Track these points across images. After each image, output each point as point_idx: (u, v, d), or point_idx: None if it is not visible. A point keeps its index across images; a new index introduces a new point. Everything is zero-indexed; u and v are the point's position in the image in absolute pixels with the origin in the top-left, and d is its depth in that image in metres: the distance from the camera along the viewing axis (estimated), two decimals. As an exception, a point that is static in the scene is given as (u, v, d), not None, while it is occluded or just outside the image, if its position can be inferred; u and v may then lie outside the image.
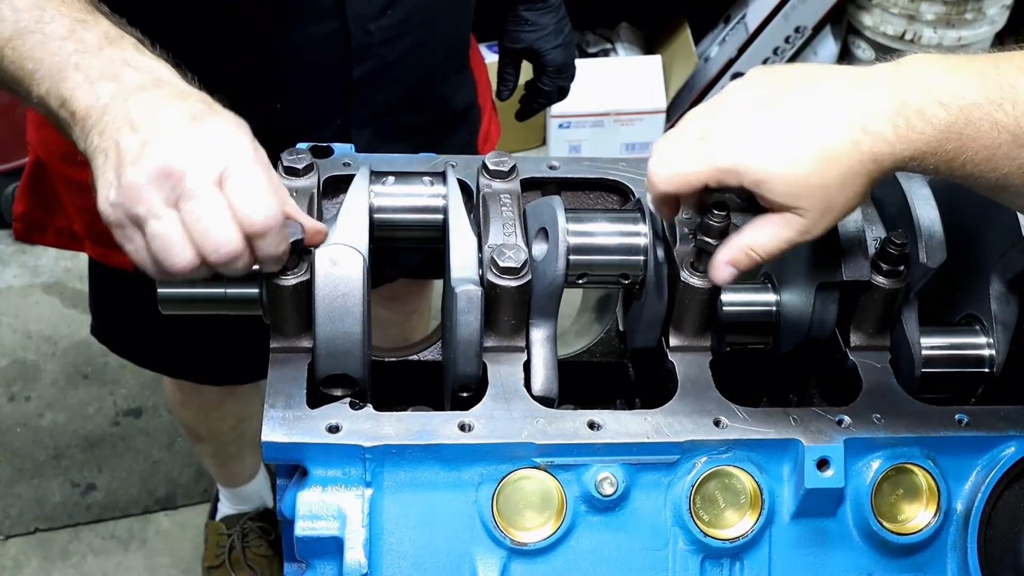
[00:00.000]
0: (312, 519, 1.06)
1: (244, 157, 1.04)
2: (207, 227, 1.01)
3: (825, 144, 0.97)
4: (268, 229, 1.04)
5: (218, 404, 2.38)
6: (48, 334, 3.43)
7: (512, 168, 1.26)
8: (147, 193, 1.01)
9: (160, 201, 1.01)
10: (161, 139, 1.02)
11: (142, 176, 1.01)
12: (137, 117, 1.03)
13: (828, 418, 1.14)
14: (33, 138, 1.80)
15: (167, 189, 1.01)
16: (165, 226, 1.01)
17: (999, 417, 1.16)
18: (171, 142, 1.02)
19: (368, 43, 1.63)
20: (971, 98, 0.95)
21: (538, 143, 4.13)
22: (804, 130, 0.98)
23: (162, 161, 1.01)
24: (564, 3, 2.07)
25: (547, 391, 1.18)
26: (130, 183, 1.01)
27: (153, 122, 1.03)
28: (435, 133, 1.84)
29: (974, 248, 1.27)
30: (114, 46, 1.10)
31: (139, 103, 1.05)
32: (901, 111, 0.96)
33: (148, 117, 1.03)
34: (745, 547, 1.12)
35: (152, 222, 1.01)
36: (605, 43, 4.37)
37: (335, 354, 1.12)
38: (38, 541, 2.89)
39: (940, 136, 0.96)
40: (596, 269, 1.21)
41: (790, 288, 1.27)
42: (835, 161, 0.97)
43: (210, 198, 1.01)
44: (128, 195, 1.01)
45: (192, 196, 1.01)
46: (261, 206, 1.03)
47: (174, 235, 1.01)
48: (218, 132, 1.05)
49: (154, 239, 1.02)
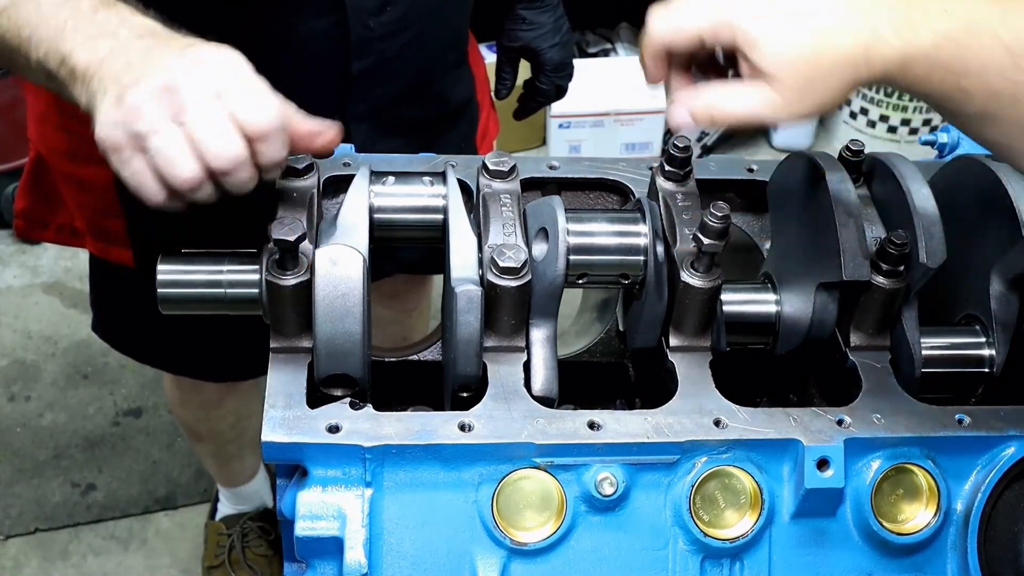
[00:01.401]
0: (312, 519, 1.06)
1: (240, 69, 1.08)
2: (209, 135, 1.04)
3: (828, 26, 0.97)
4: (270, 130, 1.07)
5: (218, 403, 2.38)
6: (48, 334, 3.43)
7: (512, 168, 1.26)
8: (148, 110, 1.04)
9: (162, 116, 1.04)
10: (159, 64, 1.06)
11: (142, 95, 1.04)
12: (134, 57, 1.08)
13: (828, 418, 1.14)
14: (34, 134, 1.80)
15: (167, 105, 1.04)
16: (168, 139, 1.04)
17: (999, 417, 1.16)
18: (169, 64, 1.06)
19: (367, 38, 1.63)
20: (976, 12, 0.96)
21: (538, 143, 4.13)
22: (811, 9, 0.98)
23: (161, 79, 1.04)
24: (563, 2, 2.07)
25: (547, 391, 1.18)
26: (131, 103, 1.04)
27: (150, 58, 1.08)
28: (433, 128, 1.84)
29: (974, 248, 1.27)
30: (109, 10, 1.14)
31: (135, 49, 1.09)
32: (907, 14, 0.97)
33: (145, 55, 1.08)
34: (745, 547, 1.12)
35: (154, 137, 1.04)
36: (605, 43, 4.38)
37: (335, 354, 1.12)
38: (38, 541, 2.89)
39: (938, 41, 0.96)
40: (596, 269, 1.21)
41: (790, 288, 1.27)
42: (832, 45, 0.97)
43: (210, 107, 1.05)
44: (129, 115, 1.04)
45: (193, 107, 1.04)
46: (261, 109, 1.07)
47: (177, 147, 1.04)
48: (213, 52, 1.09)
49: (158, 154, 1.04)
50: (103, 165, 1.70)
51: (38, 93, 1.74)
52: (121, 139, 1.05)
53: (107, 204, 1.74)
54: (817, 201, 1.21)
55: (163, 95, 1.04)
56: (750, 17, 0.98)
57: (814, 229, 1.21)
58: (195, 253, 1.23)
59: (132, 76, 1.06)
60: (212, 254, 1.22)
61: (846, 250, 1.17)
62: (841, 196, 1.19)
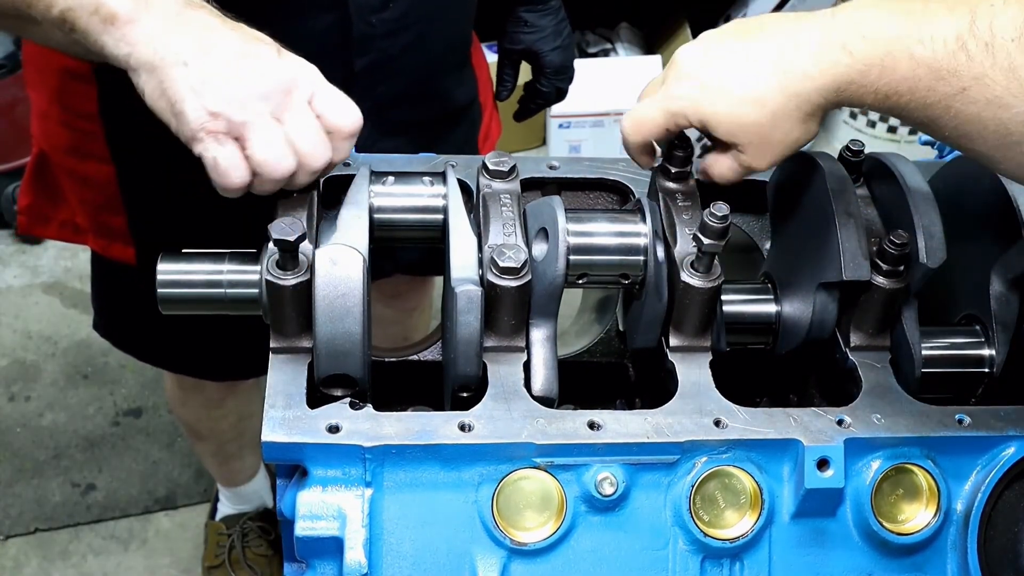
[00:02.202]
0: (312, 519, 1.06)
1: (321, 79, 1.19)
2: (309, 138, 1.16)
3: (754, 87, 1.09)
4: (355, 131, 1.20)
5: (219, 402, 2.38)
6: (48, 334, 3.43)
7: (512, 168, 1.26)
8: (257, 105, 1.12)
9: (265, 112, 1.13)
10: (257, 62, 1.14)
11: (250, 90, 1.12)
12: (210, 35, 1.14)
13: (828, 418, 1.14)
14: (37, 131, 1.81)
15: (273, 103, 1.13)
16: (276, 135, 1.13)
17: (999, 417, 1.16)
18: (266, 63, 1.15)
19: (370, 35, 1.63)
20: (892, 32, 1.02)
21: (538, 143, 4.13)
22: (740, 76, 1.09)
23: (269, 80, 1.14)
24: (564, 4, 2.07)
25: (547, 391, 1.18)
26: (241, 96, 1.11)
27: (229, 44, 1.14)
28: (435, 129, 1.85)
29: (974, 248, 1.27)
30: None
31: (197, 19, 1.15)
32: (826, 46, 1.05)
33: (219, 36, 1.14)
34: (745, 547, 1.12)
35: (262, 131, 1.13)
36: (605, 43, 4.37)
37: (335, 354, 1.12)
38: (38, 541, 2.89)
39: (860, 67, 1.03)
40: (596, 269, 1.21)
41: (790, 288, 1.27)
42: (764, 103, 1.09)
43: (310, 114, 1.16)
44: (240, 106, 1.11)
45: (297, 112, 1.15)
46: (350, 113, 1.20)
47: (283, 143, 1.14)
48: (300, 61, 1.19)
49: (267, 146, 1.13)
50: (105, 161, 1.71)
51: (41, 89, 1.74)
52: (219, 125, 1.11)
53: (109, 201, 1.74)
54: (817, 201, 1.21)
55: (271, 96, 1.13)
56: (694, 106, 1.13)
57: (814, 229, 1.21)
58: (195, 253, 1.22)
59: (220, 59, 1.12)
60: (212, 254, 1.22)
61: (846, 250, 1.17)
62: (841, 196, 1.19)
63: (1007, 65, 0.96)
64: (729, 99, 1.10)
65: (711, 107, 1.12)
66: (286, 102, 1.14)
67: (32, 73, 1.76)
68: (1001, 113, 0.98)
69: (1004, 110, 0.98)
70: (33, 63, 1.75)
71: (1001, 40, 0.96)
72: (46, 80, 1.70)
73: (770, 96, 1.08)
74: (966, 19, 0.98)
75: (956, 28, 0.98)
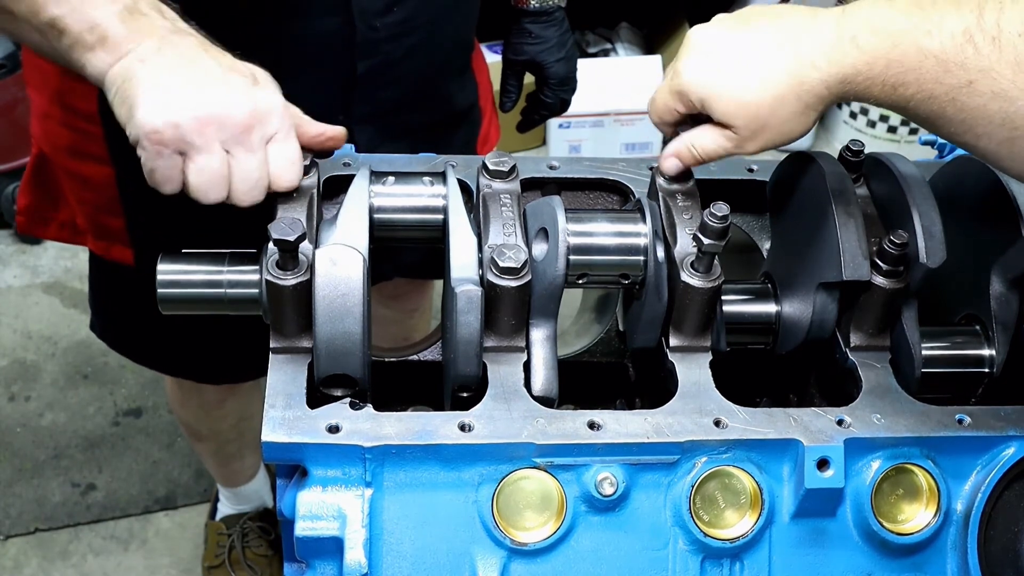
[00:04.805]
0: (312, 519, 1.06)
1: (288, 127, 1.20)
2: (248, 178, 1.17)
3: (762, 69, 1.10)
4: (292, 188, 1.21)
5: (219, 403, 2.38)
6: (48, 334, 3.43)
7: (512, 168, 1.26)
8: (209, 130, 1.13)
9: (215, 140, 1.14)
10: (225, 89, 1.15)
11: (207, 114, 1.13)
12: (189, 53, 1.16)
13: (828, 418, 1.14)
14: (37, 131, 1.81)
15: (227, 134, 1.14)
16: (215, 164, 1.15)
17: (999, 417, 1.16)
18: (238, 92, 1.16)
19: (373, 39, 1.63)
20: (900, 25, 1.04)
21: (538, 143, 4.13)
22: (749, 59, 1.11)
23: (230, 110, 1.14)
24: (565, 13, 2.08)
25: (547, 391, 1.18)
26: (196, 116, 1.12)
27: (204, 68, 1.16)
28: (436, 133, 1.85)
29: (974, 248, 1.27)
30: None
31: (186, 46, 1.17)
32: (837, 40, 1.07)
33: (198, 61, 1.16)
34: (745, 547, 1.12)
35: (204, 156, 1.14)
36: (605, 43, 4.37)
37: (335, 354, 1.12)
38: (38, 541, 2.89)
39: (868, 59, 1.05)
40: (596, 269, 1.21)
41: (790, 288, 1.27)
42: (769, 86, 1.10)
43: (259, 156, 1.17)
44: (191, 125, 1.12)
45: (248, 148, 1.16)
46: (293, 174, 1.20)
47: (220, 175, 1.15)
48: (275, 96, 1.20)
49: (201, 172, 1.15)
50: (105, 163, 1.71)
51: (41, 90, 1.74)
52: (170, 139, 1.13)
53: (108, 202, 1.74)
54: (817, 201, 1.21)
55: (227, 124, 1.14)
56: (698, 84, 1.15)
57: (814, 229, 1.21)
58: (195, 253, 1.23)
59: (195, 83, 1.13)
60: (212, 254, 1.22)
61: (846, 250, 1.17)
62: (841, 196, 1.19)
63: (1013, 59, 0.98)
64: (734, 78, 1.12)
65: (714, 84, 1.13)
66: (241, 137, 1.15)
67: (32, 73, 1.76)
68: (1007, 106, 0.99)
69: (1010, 103, 0.99)
70: (33, 63, 1.75)
71: (1008, 35, 0.98)
72: (46, 80, 1.70)
73: (775, 79, 1.10)
74: (974, 14, 1.00)
75: (964, 22, 1.00)
